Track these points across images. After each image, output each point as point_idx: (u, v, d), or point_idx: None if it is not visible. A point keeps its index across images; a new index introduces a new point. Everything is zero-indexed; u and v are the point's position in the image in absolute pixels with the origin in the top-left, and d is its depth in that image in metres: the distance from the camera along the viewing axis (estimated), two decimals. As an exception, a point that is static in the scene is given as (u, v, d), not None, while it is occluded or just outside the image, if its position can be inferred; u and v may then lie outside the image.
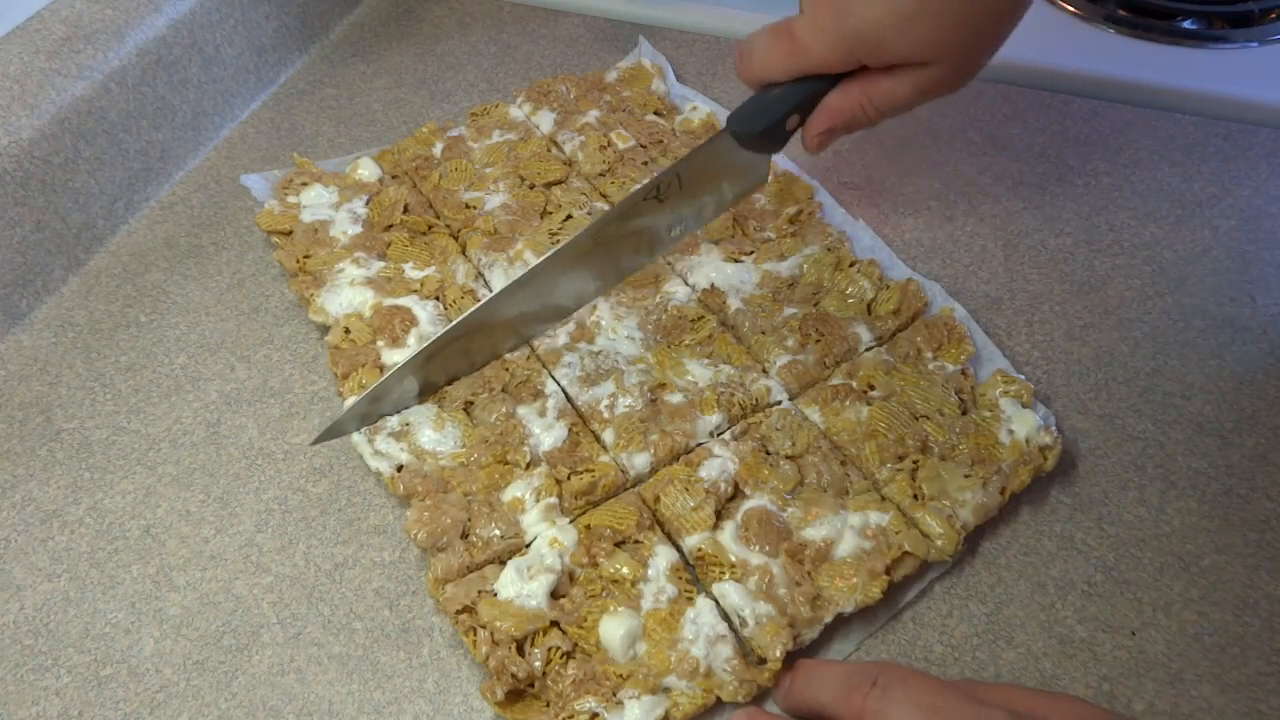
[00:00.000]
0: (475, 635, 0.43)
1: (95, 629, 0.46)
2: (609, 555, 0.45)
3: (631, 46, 0.74)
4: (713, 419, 0.50)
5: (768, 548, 0.44)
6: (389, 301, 0.56)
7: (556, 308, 0.54)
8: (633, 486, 0.48)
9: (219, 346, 0.57)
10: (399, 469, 0.49)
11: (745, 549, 0.45)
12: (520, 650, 0.42)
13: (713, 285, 0.56)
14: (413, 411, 0.51)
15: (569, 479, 0.48)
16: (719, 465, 0.47)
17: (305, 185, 0.63)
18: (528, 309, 0.52)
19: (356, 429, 0.50)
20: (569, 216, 0.60)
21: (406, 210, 0.61)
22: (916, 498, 0.46)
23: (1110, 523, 0.48)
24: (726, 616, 0.43)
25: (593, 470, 0.48)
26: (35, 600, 0.47)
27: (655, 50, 0.73)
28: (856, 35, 0.43)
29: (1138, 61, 0.70)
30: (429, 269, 0.58)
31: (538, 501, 0.47)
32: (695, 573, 0.45)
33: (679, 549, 0.46)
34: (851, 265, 0.56)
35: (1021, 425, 0.48)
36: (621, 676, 0.42)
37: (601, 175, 0.63)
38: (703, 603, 0.43)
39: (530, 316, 0.53)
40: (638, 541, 0.45)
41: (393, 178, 0.64)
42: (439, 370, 0.52)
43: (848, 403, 0.50)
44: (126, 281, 0.61)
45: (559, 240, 0.58)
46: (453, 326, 0.51)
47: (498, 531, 0.46)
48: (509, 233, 0.59)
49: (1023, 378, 0.51)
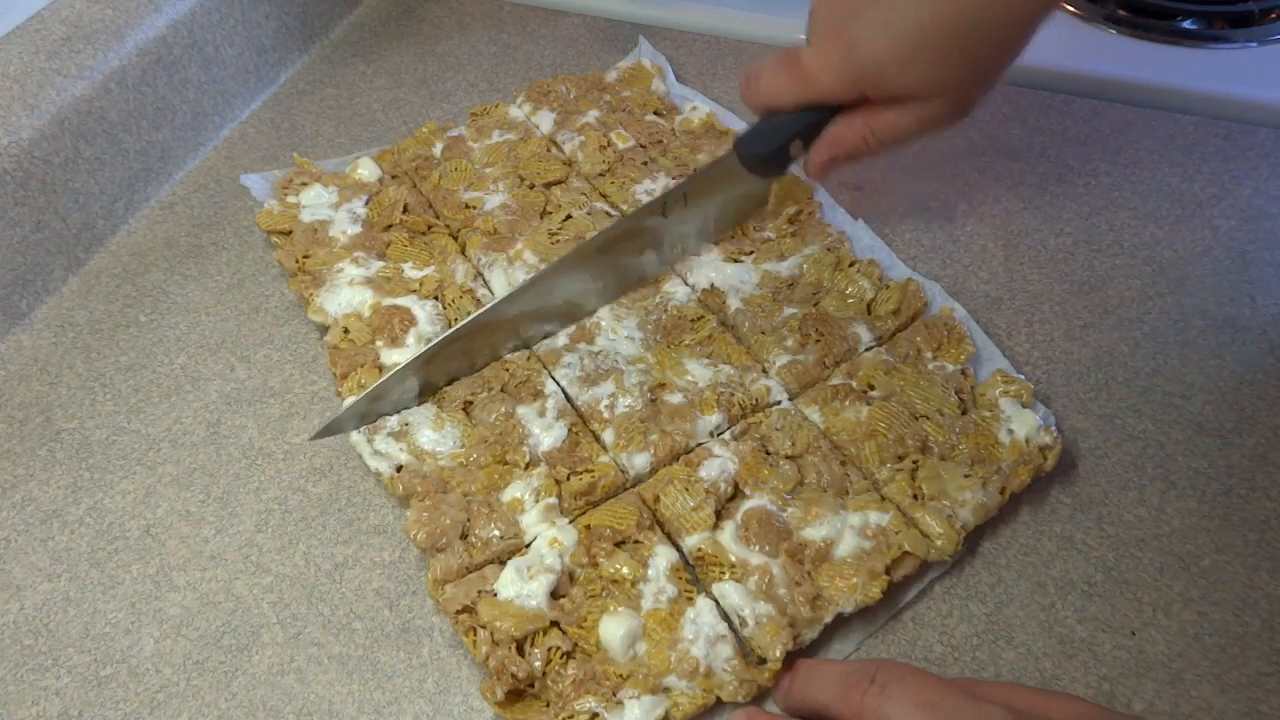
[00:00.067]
0: (475, 635, 0.43)
1: (95, 629, 0.46)
2: (609, 555, 0.45)
3: (631, 46, 0.74)
4: (713, 419, 0.50)
5: (768, 548, 0.44)
6: (388, 301, 0.56)
7: (558, 312, 0.54)
8: (632, 487, 0.48)
9: (219, 346, 0.58)
10: (398, 469, 0.49)
11: (745, 549, 0.45)
12: (520, 650, 0.42)
13: (712, 285, 0.56)
14: (412, 411, 0.51)
15: (568, 479, 0.48)
16: (719, 465, 0.47)
17: (305, 185, 0.63)
18: (529, 313, 0.53)
19: (355, 427, 0.50)
20: (569, 216, 0.60)
21: (406, 210, 0.61)
22: (916, 498, 0.46)
23: (1110, 523, 0.48)
24: (726, 616, 0.43)
25: (592, 471, 0.48)
26: (35, 600, 0.47)
27: (655, 50, 0.73)
28: (861, 67, 0.45)
29: (1138, 61, 0.70)
30: (428, 269, 0.58)
31: (537, 502, 0.46)
32: (695, 573, 0.45)
33: (679, 549, 0.46)
34: (851, 265, 0.56)
35: (1021, 425, 0.48)
36: (621, 676, 0.42)
37: (601, 175, 0.63)
38: (703, 603, 0.43)
39: (531, 317, 0.53)
40: (638, 541, 0.45)
41: (392, 178, 0.64)
42: (439, 370, 0.52)
43: (848, 403, 0.50)
44: (126, 281, 0.61)
45: (559, 240, 0.58)
46: (455, 330, 0.51)
47: (497, 532, 0.46)
48: (508, 233, 0.59)
49: (1023, 378, 0.51)
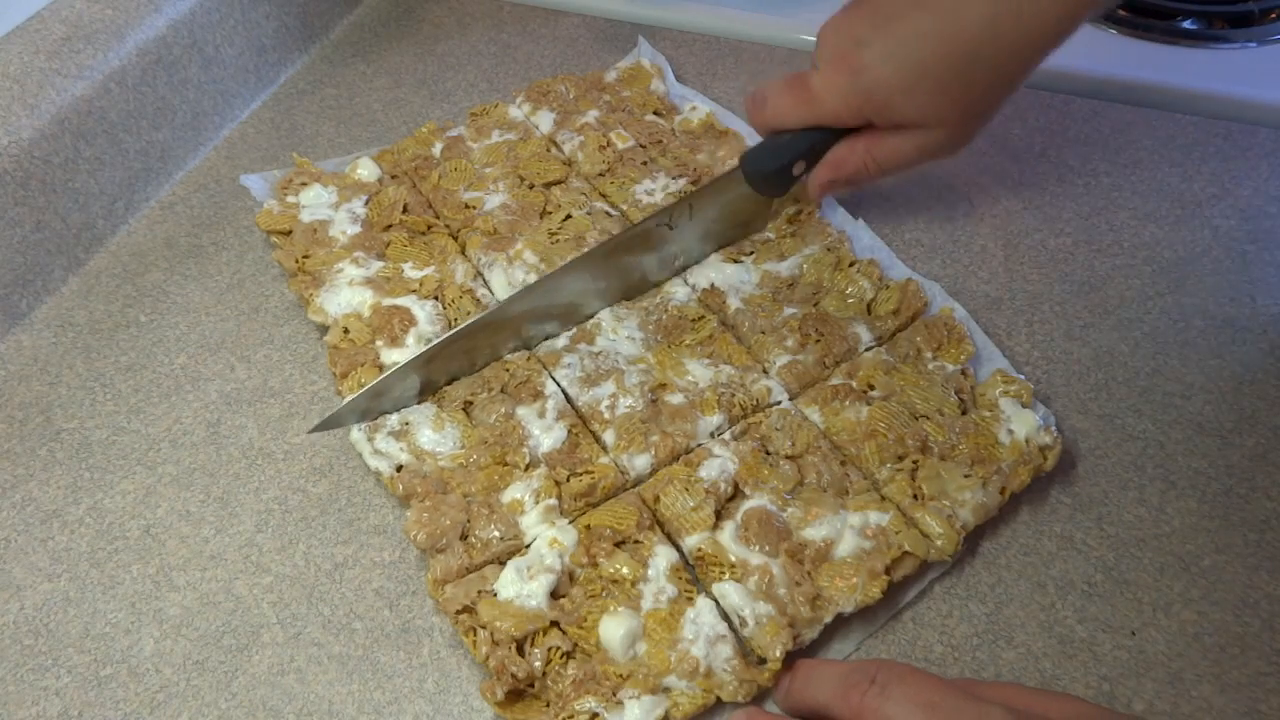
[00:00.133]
0: (475, 635, 0.43)
1: (95, 629, 0.46)
2: (609, 555, 0.45)
3: (631, 46, 0.74)
4: (713, 419, 0.50)
5: (768, 548, 0.44)
6: (388, 301, 0.55)
7: (559, 313, 0.54)
8: (633, 487, 0.48)
9: (219, 346, 0.57)
10: (398, 469, 0.49)
11: (745, 549, 0.45)
12: (520, 650, 0.42)
13: (713, 285, 0.56)
14: (412, 411, 0.51)
15: (568, 481, 0.48)
16: (719, 465, 0.47)
17: (305, 185, 0.63)
18: (530, 313, 0.53)
19: (355, 423, 0.50)
20: (568, 216, 0.60)
21: (406, 210, 0.61)
22: (916, 498, 0.46)
23: (1110, 523, 0.48)
24: (726, 616, 0.43)
25: (592, 472, 0.48)
26: (35, 600, 0.47)
27: (655, 50, 0.73)
28: (867, 93, 0.47)
29: (1138, 61, 0.70)
30: (428, 269, 0.58)
31: (537, 503, 0.46)
32: (695, 573, 0.45)
33: (679, 549, 0.46)
34: (851, 265, 0.56)
35: (1021, 425, 0.48)
36: (621, 676, 0.42)
37: (601, 175, 0.63)
38: (703, 603, 0.43)
39: (532, 318, 0.53)
40: (638, 541, 0.45)
41: (392, 178, 0.64)
42: (440, 369, 0.52)
43: (848, 403, 0.50)
44: (126, 281, 0.61)
45: (558, 240, 0.58)
46: (458, 329, 0.51)
47: (497, 533, 0.46)
48: (508, 233, 0.59)
49: (1023, 378, 0.51)
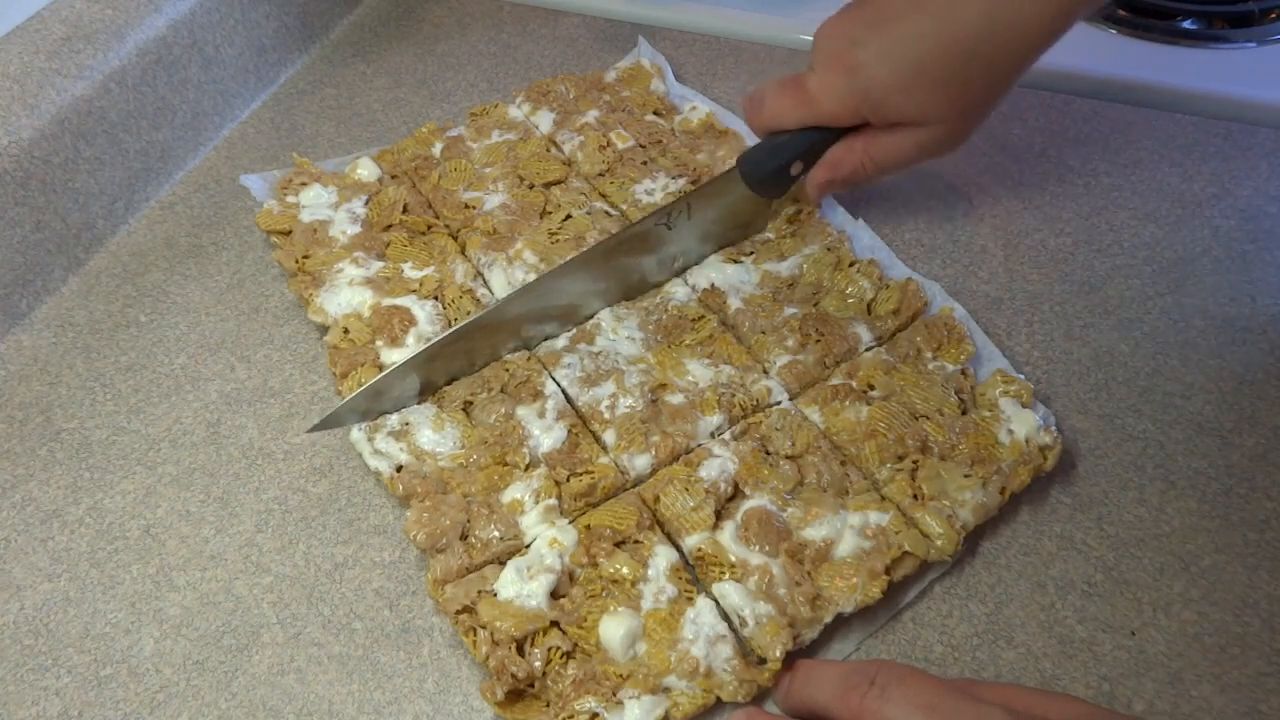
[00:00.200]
0: (475, 635, 0.43)
1: (95, 629, 0.46)
2: (609, 555, 0.45)
3: (631, 46, 0.74)
4: (713, 419, 0.50)
5: (768, 548, 0.44)
6: (388, 301, 0.55)
7: (559, 313, 0.54)
8: (633, 487, 0.48)
9: (219, 346, 0.58)
10: (398, 469, 0.49)
11: (745, 549, 0.45)
12: (520, 650, 0.42)
13: (713, 285, 0.56)
14: (412, 411, 0.51)
15: (568, 481, 0.48)
16: (719, 465, 0.47)
17: (305, 185, 0.63)
18: (530, 314, 0.53)
19: (355, 422, 0.50)
20: (568, 216, 0.60)
21: (406, 210, 0.61)
22: (916, 498, 0.46)
23: (1110, 523, 0.48)
24: (726, 616, 0.43)
25: (592, 472, 0.48)
26: (35, 600, 0.47)
27: (654, 50, 0.73)
28: (864, 93, 0.47)
29: (1138, 61, 0.70)
30: (428, 269, 0.58)
31: (537, 503, 0.46)
32: (695, 573, 0.45)
33: (679, 549, 0.46)
34: (851, 265, 0.56)
35: (1021, 425, 0.48)
36: (621, 676, 0.42)
37: (601, 175, 0.63)
38: (703, 603, 0.43)
39: (532, 318, 0.53)
40: (638, 541, 0.45)
41: (392, 178, 0.64)
42: (440, 369, 0.52)
43: (848, 403, 0.50)
44: (126, 281, 0.61)
45: (558, 240, 0.58)
46: (458, 328, 0.51)
47: (497, 533, 0.46)
48: (508, 232, 0.59)
49: (1023, 378, 0.51)
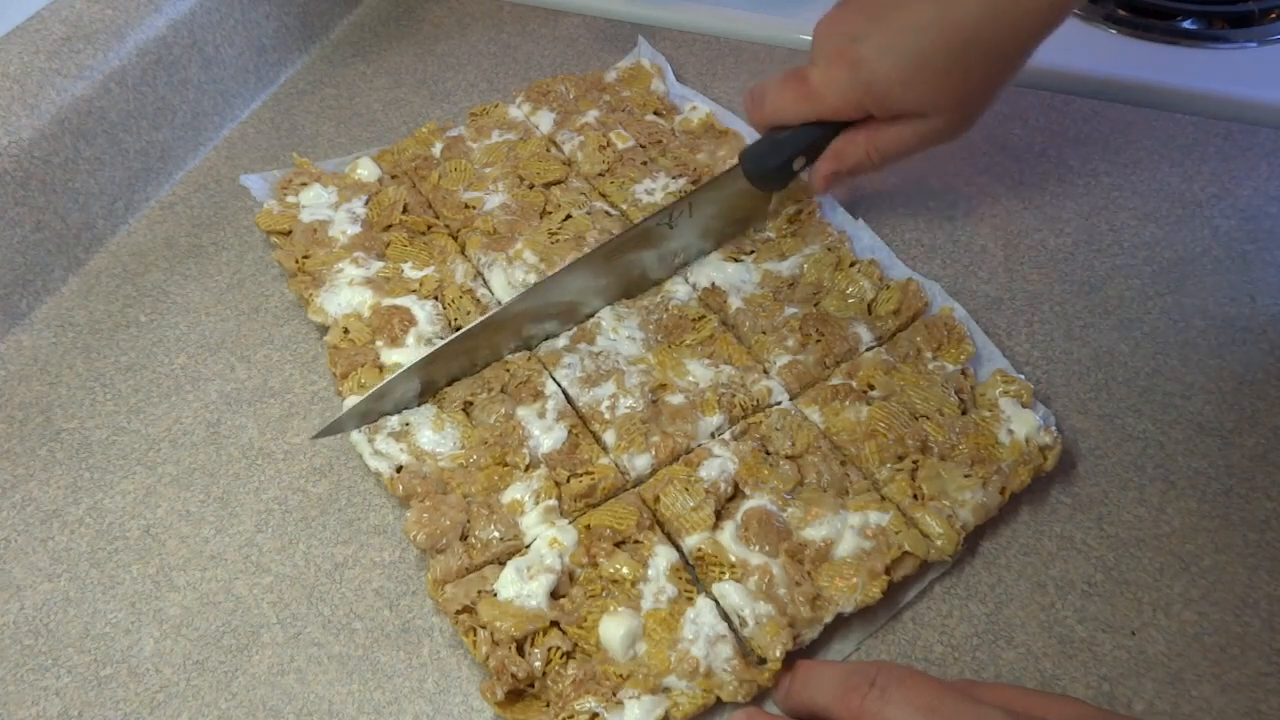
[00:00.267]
0: (475, 635, 0.43)
1: (95, 629, 0.46)
2: (609, 555, 0.45)
3: (631, 46, 0.74)
4: (713, 419, 0.50)
5: (768, 548, 0.44)
6: (387, 301, 0.55)
7: (559, 312, 0.54)
8: (633, 488, 0.48)
9: (219, 346, 0.57)
10: (398, 470, 0.49)
11: (745, 549, 0.45)
12: (520, 650, 0.42)
13: (713, 285, 0.56)
14: (412, 412, 0.51)
15: (568, 481, 0.48)
16: (719, 465, 0.47)
17: (305, 185, 0.63)
18: (530, 312, 0.53)
19: (357, 426, 0.50)
20: (568, 216, 0.60)
21: (406, 210, 0.61)
22: (916, 498, 0.46)
23: (1110, 523, 0.48)
24: (726, 616, 0.43)
25: (592, 472, 0.48)
26: (35, 600, 0.47)
27: (655, 50, 0.73)
28: (867, 86, 0.47)
29: (1138, 61, 0.70)
30: (428, 269, 0.58)
31: (537, 503, 0.46)
32: (695, 573, 0.45)
33: (679, 549, 0.46)
34: (851, 265, 0.56)
35: (1021, 425, 0.48)
36: (621, 676, 0.42)
37: (601, 175, 0.63)
38: (703, 603, 0.43)
39: (532, 317, 0.53)
40: (638, 541, 0.45)
41: (392, 178, 0.64)
42: (441, 370, 0.52)
43: (848, 403, 0.50)
44: (126, 281, 0.61)
45: (558, 240, 0.58)
46: (462, 332, 0.51)
47: (497, 533, 0.46)
48: (508, 232, 0.59)
49: (1023, 378, 0.51)
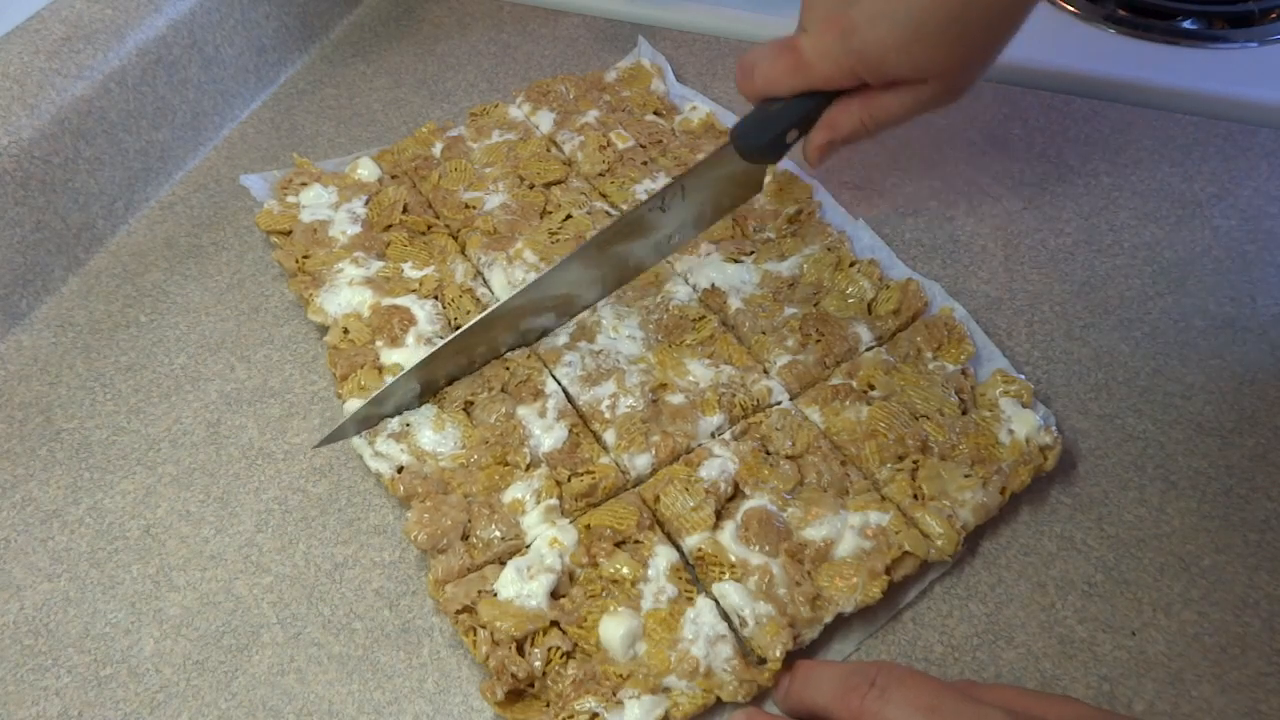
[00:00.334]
0: (475, 635, 0.43)
1: (95, 629, 0.46)
2: (609, 555, 0.45)
3: (631, 46, 0.74)
4: (714, 419, 0.50)
5: (768, 548, 0.44)
6: (387, 301, 0.55)
7: (555, 304, 0.54)
8: (633, 487, 0.48)
9: (219, 346, 0.58)
10: (399, 470, 0.49)
11: (745, 549, 0.45)
12: (520, 650, 0.42)
13: (713, 285, 0.56)
14: (413, 412, 0.51)
15: (569, 481, 0.48)
16: (719, 465, 0.47)
17: (305, 185, 0.63)
18: (526, 306, 0.52)
19: (358, 433, 0.50)
20: (568, 216, 0.60)
21: (406, 210, 0.61)
22: (916, 498, 0.46)
23: (1110, 523, 0.48)
24: (726, 616, 0.43)
25: (593, 472, 0.48)
26: (35, 600, 0.47)
27: (655, 50, 0.73)
28: (860, 53, 0.46)
29: (1138, 61, 0.70)
30: (428, 269, 0.58)
31: (538, 503, 0.46)
32: (695, 573, 0.45)
33: (679, 549, 0.46)
34: (851, 265, 0.56)
35: (1021, 425, 0.48)
36: (621, 676, 0.42)
37: (601, 175, 0.63)
38: (703, 603, 0.43)
39: (528, 310, 0.53)
40: (638, 541, 0.45)
41: (392, 178, 0.64)
42: (440, 370, 0.52)
43: (848, 403, 0.50)
44: (126, 281, 0.61)
45: (559, 240, 0.58)
46: (460, 332, 0.51)
47: (498, 533, 0.46)
48: (508, 232, 0.59)
49: (1023, 378, 0.51)
